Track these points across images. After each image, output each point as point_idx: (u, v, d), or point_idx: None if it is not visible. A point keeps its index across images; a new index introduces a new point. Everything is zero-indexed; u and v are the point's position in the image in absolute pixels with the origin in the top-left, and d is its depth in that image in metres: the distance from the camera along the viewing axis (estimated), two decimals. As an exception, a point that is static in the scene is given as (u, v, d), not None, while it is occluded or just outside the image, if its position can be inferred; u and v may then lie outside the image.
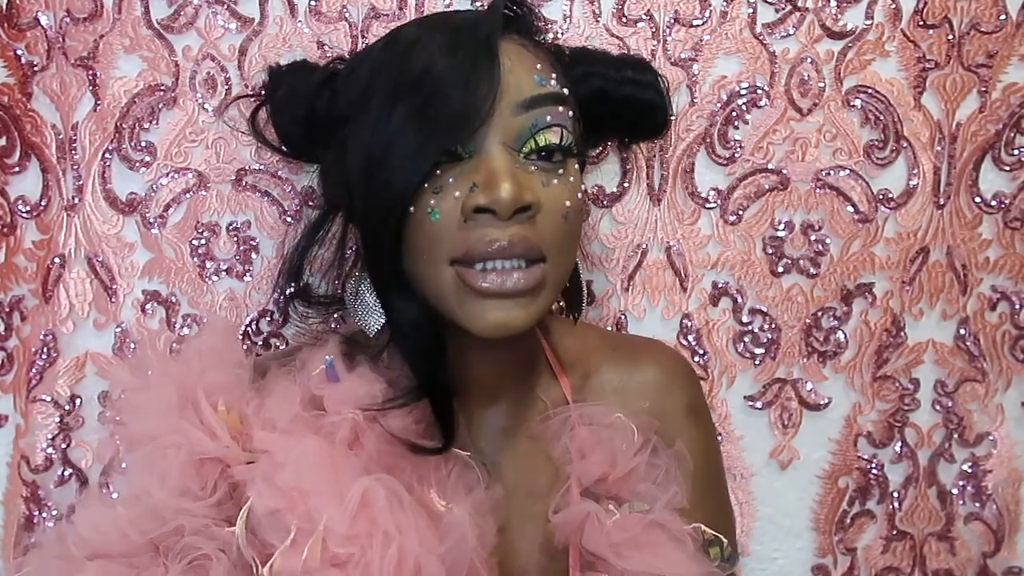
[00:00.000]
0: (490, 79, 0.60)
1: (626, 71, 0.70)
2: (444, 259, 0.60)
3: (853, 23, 0.86)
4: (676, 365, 0.76)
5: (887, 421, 0.92)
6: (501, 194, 0.57)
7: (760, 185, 0.88)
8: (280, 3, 0.84)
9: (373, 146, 0.61)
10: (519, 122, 0.61)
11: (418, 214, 0.60)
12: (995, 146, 0.89)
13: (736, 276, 0.90)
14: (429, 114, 0.59)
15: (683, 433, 0.72)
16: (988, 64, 0.88)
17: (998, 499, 0.94)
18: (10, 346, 0.88)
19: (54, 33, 0.83)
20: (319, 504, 0.57)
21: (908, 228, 0.90)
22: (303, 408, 0.63)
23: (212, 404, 0.63)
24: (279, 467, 0.59)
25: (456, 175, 0.60)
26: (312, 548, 0.56)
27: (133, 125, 0.85)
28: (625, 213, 0.88)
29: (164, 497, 0.60)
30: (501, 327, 0.60)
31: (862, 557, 0.94)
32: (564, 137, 0.62)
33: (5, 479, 0.89)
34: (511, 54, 0.62)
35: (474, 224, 0.59)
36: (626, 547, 0.64)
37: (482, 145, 0.60)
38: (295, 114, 0.71)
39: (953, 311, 0.91)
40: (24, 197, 0.86)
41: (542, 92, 0.62)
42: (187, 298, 0.87)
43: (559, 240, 0.61)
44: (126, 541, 0.59)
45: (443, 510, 0.61)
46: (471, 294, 0.60)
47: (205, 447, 0.61)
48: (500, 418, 0.71)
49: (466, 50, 0.61)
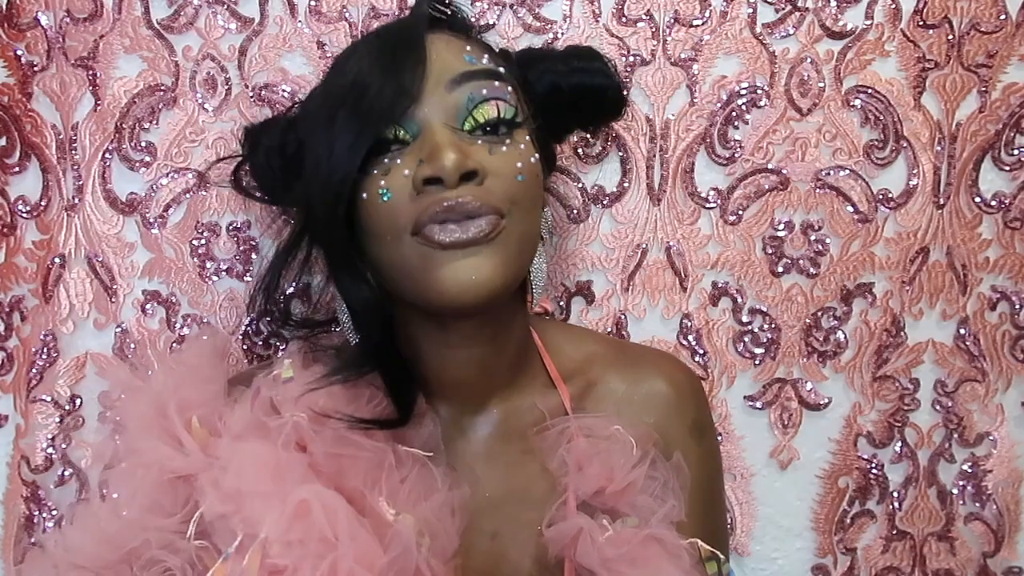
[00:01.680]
0: (416, 62, 0.62)
1: (573, 61, 0.72)
2: (403, 231, 0.61)
3: (853, 23, 0.86)
4: (684, 380, 0.75)
5: (887, 421, 0.92)
6: (445, 162, 0.59)
7: (760, 185, 0.88)
8: (280, 3, 0.84)
9: (319, 153, 0.63)
10: (455, 98, 0.63)
11: (371, 198, 0.62)
12: (995, 146, 0.89)
13: (736, 276, 0.90)
14: (361, 106, 0.61)
15: (687, 450, 0.71)
16: (988, 64, 0.88)
17: (998, 499, 0.94)
18: (10, 346, 0.88)
19: (54, 33, 0.83)
20: (261, 508, 0.59)
21: (908, 228, 0.90)
22: (262, 413, 0.65)
23: (186, 420, 0.65)
24: (223, 472, 0.61)
25: (403, 156, 0.62)
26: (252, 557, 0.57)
27: (133, 125, 0.85)
28: (625, 213, 0.88)
29: (134, 513, 0.62)
30: (468, 287, 0.60)
31: (862, 557, 0.94)
32: (504, 110, 0.64)
33: (5, 479, 0.89)
34: (440, 43, 0.65)
35: (425, 194, 0.60)
36: (620, 563, 0.64)
37: (423, 126, 0.62)
38: (271, 165, 0.73)
39: (953, 311, 0.91)
40: (24, 197, 0.86)
41: (473, 68, 0.64)
42: (187, 298, 0.87)
43: (514, 197, 0.62)
44: (102, 556, 0.62)
45: (391, 519, 0.61)
46: (434, 253, 0.60)
47: (175, 465, 0.63)
48: (490, 425, 0.71)
49: (392, 45, 0.64)
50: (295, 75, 0.85)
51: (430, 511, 0.63)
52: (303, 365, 0.69)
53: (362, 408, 0.66)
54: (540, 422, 0.70)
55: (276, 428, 0.63)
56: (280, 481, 0.60)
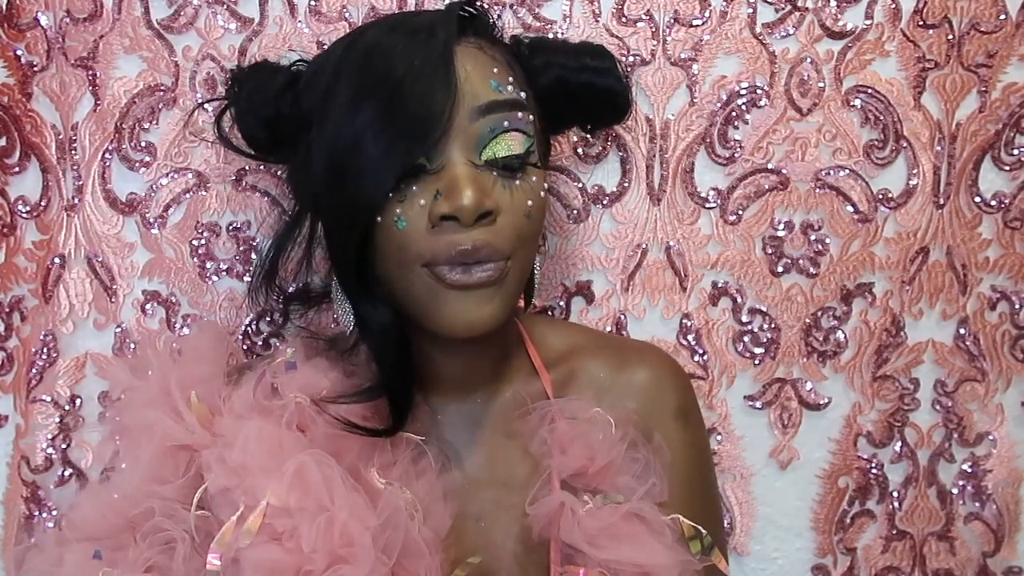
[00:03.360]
0: (447, 86, 0.61)
1: (584, 59, 0.72)
2: (414, 263, 0.62)
3: (853, 23, 0.86)
4: (666, 367, 0.76)
5: (887, 421, 0.92)
6: (463, 202, 0.60)
7: (760, 185, 0.88)
8: (280, 3, 0.84)
9: (337, 152, 0.63)
10: (477, 128, 0.63)
11: (385, 222, 0.62)
12: (995, 146, 0.89)
13: (736, 276, 0.90)
14: (392, 123, 0.61)
15: (673, 436, 0.72)
16: (988, 64, 0.88)
17: (998, 499, 0.94)
18: (10, 346, 0.88)
19: (54, 33, 0.83)
20: (262, 480, 0.61)
21: (908, 228, 0.90)
22: (263, 396, 0.67)
23: (185, 396, 0.67)
24: (228, 447, 0.63)
25: (420, 184, 0.62)
26: (254, 522, 0.59)
27: (133, 125, 0.85)
28: (625, 213, 0.88)
29: (137, 481, 0.64)
30: (469, 326, 0.63)
31: (862, 557, 0.94)
32: (523, 143, 0.64)
33: (5, 479, 0.89)
34: (468, 59, 0.64)
35: (440, 230, 0.61)
36: (602, 538, 0.65)
37: (443, 153, 0.62)
38: (259, 116, 0.71)
39: (953, 311, 0.91)
40: (24, 197, 0.86)
41: (499, 99, 0.64)
42: (187, 298, 0.87)
43: (522, 237, 0.64)
44: (107, 523, 0.64)
45: (382, 487, 0.63)
46: (441, 289, 0.62)
47: (175, 434, 0.65)
48: (474, 412, 0.73)
49: (424, 56, 0.62)
50: (295, 75, 0.85)
51: (422, 490, 0.65)
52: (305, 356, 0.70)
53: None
54: (521, 406, 0.71)
55: (280, 408, 0.65)
56: (282, 456, 0.62)
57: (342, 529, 0.59)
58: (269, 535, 0.60)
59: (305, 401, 0.65)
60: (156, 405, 0.67)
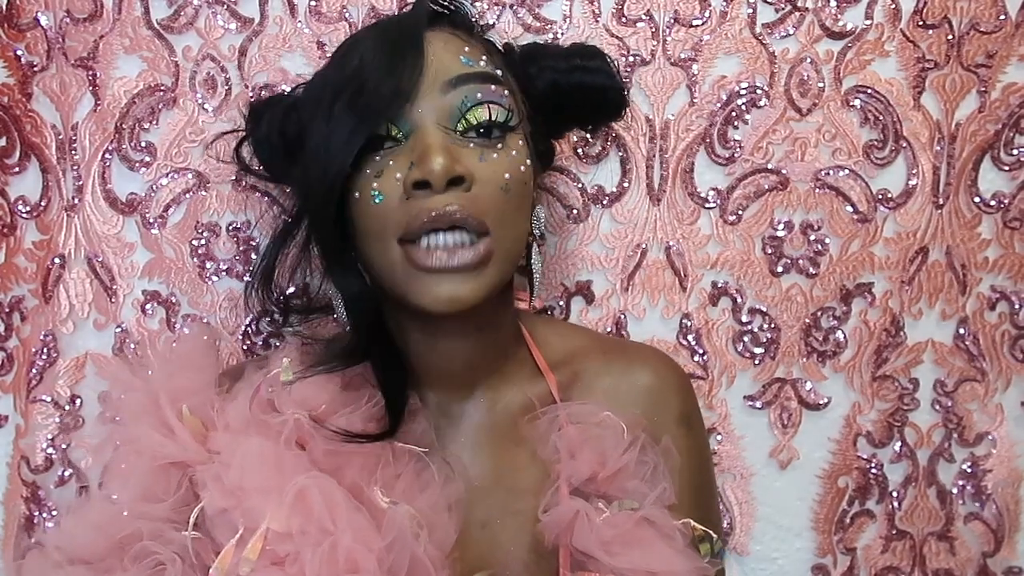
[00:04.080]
0: (414, 62, 0.63)
1: (574, 59, 0.72)
2: (391, 238, 0.63)
3: (853, 23, 0.86)
4: (670, 372, 0.76)
5: (886, 421, 0.93)
6: (433, 166, 0.60)
7: (760, 185, 0.88)
8: (280, 3, 0.84)
9: (316, 142, 0.64)
10: (449, 100, 0.63)
11: (363, 198, 0.63)
12: (994, 146, 0.89)
13: (736, 276, 0.90)
14: (358, 102, 0.62)
15: (676, 441, 0.72)
16: (987, 64, 0.88)
17: (998, 499, 0.94)
18: (10, 346, 0.88)
19: (54, 33, 0.83)
20: (261, 502, 0.60)
21: (907, 228, 0.90)
22: (259, 410, 0.66)
23: (177, 409, 0.65)
24: (226, 467, 0.62)
25: (395, 157, 0.63)
26: (253, 547, 0.58)
27: (133, 125, 0.85)
28: (625, 213, 0.88)
29: (125, 501, 0.63)
30: (450, 301, 0.62)
31: (862, 557, 0.94)
32: (497, 113, 0.64)
33: (5, 479, 0.89)
34: (439, 41, 0.65)
35: (414, 199, 0.61)
36: (616, 545, 0.64)
37: (416, 126, 0.63)
38: (272, 143, 0.73)
39: (952, 311, 0.92)
40: (24, 197, 0.86)
41: (469, 71, 0.64)
42: (187, 298, 0.87)
43: (499, 211, 0.63)
44: (95, 545, 0.62)
45: (385, 506, 0.63)
46: (418, 271, 0.62)
47: (166, 451, 0.64)
48: (478, 412, 0.72)
49: (392, 42, 0.64)
50: (295, 75, 0.85)
51: (426, 504, 0.64)
52: (301, 362, 0.69)
53: (362, 407, 0.67)
54: (527, 409, 0.71)
55: (278, 425, 0.64)
56: (281, 477, 0.61)
57: (346, 554, 0.58)
58: (270, 560, 0.59)
59: (304, 417, 0.64)
60: (145, 420, 0.65)
